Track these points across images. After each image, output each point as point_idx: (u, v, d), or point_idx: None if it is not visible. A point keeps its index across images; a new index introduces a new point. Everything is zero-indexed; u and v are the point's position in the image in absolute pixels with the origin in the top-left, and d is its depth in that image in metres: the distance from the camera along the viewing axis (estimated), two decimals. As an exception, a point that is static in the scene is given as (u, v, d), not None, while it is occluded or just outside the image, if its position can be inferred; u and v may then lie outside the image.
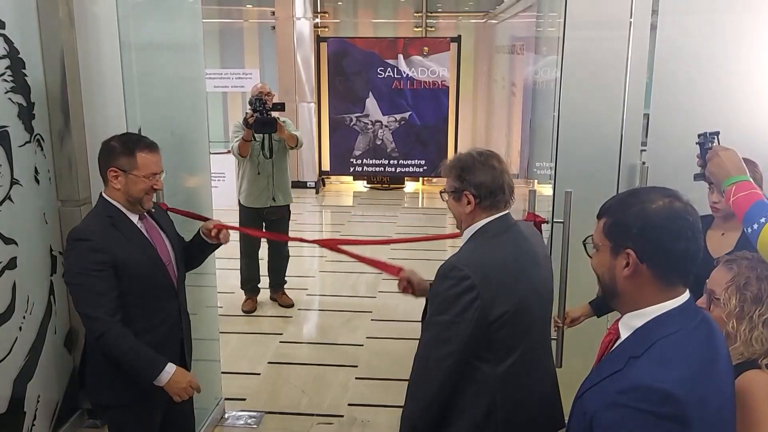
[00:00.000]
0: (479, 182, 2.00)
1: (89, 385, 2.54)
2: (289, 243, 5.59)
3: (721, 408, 1.33)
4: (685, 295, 1.38)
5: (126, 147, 2.40)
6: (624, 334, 1.41)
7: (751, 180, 1.93)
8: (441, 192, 2.13)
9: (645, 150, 3.14)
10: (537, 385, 2.00)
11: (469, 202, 2.02)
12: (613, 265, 1.39)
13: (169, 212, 2.87)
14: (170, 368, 2.40)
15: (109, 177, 2.40)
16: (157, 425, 2.63)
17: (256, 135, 4.96)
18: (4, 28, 2.89)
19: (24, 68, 3.03)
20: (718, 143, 2.14)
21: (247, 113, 4.91)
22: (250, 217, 5.19)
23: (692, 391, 1.25)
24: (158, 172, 2.47)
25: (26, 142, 3.01)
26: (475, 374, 1.96)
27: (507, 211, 2.07)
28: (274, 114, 4.90)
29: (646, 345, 1.32)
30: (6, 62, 2.91)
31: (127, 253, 2.40)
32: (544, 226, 3.01)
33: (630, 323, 1.40)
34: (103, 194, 2.47)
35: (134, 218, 2.49)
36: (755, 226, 1.77)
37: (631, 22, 2.98)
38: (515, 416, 1.99)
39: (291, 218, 5.47)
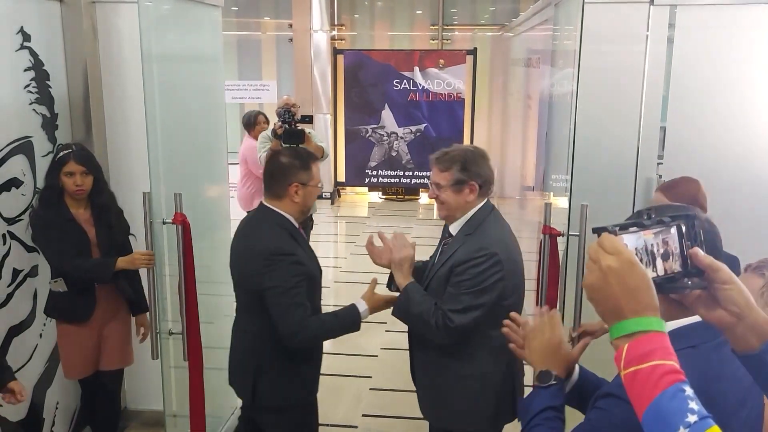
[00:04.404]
0: (478, 172, 2.34)
1: (264, 392, 2.54)
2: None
3: (743, 423, 1.30)
4: None
5: (304, 162, 2.51)
6: None
7: (664, 328, 1.03)
8: (431, 183, 2.42)
9: (661, 163, 3.13)
10: None
11: (471, 191, 2.34)
12: None
13: None
14: (362, 306, 2.54)
15: (290, 192, 2.47)
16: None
17: (283, 145, 5.03)
18: (29, 40, 2.95)
19: (48, 80, 3.09)
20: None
21: (275, 124, 4.98)
22: None
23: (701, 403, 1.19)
24: None
25: (49, 152, 3.07)
26: (492, 343, 2.28)
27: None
28: (301, 125, 5.00)
29: None
30: (31, 74, 2.98)
31: (308, 261, 2.51)
32: (559, 239, 3.01)
33: None
34: (272, 207, 2.50)
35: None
36: None
37: (647, 36, 2.98)
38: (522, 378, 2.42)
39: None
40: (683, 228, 1.15)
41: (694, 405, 0.96)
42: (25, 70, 2.95)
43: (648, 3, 2.95)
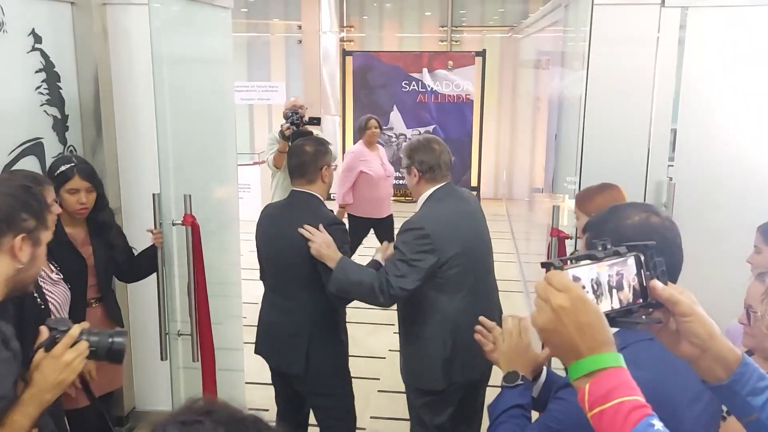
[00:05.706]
0: (422, 159, 2.67)
1: (316, 359, 2.82)
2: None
3: (696, 417, 1.32)
4: None
5: (324, 145, 2.82)
6: None
7: (623, 363, 1.00)
8: (401, 168, 2.84)
9: (672, 165, 3.11)
10: (486, 314, 2.26)
11: (415, 175, 2.69)
12: None
13: None
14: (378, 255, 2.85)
15: (323, 174, 2.78)
16: None
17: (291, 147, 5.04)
18: (41, 42, 2.97)
19: (59, 81, 3.11)
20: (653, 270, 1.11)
21: (283, 126, 4.98)
22: None
23: (657, 392, 1.14)
24: None
25: (59, 154, 3.08)
26: (438, 306, 2.61)
27: (448, 181, 2.71)
28: (309, 127, 5.01)
29: (619, 347, 1.30)
30: (42, 75, 3.00)
31: None
32: (567, 242, 3.00)
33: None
34: (307, 191, 2.78)
35: None
36: None
37: (658, 38, 2.97)
38: (473, 339, 2.47)
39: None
40: (642, 258, 1.09)
41: None
42: (37, 71, 2.97)
43: (659, 4, 2.94)
